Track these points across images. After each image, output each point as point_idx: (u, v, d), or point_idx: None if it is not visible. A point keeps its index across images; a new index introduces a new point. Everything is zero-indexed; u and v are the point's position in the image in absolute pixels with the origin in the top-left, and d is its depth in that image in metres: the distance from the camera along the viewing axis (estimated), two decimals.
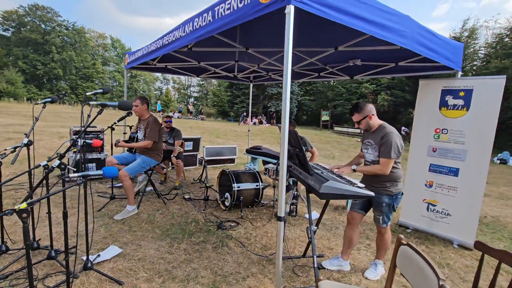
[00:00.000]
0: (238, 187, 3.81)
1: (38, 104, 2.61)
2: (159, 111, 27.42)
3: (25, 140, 2.35)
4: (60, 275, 2.30)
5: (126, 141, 3.81)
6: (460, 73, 3.48)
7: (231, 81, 6.99)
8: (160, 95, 51.82)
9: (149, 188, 4.70)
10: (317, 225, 2.63)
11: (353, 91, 26.27)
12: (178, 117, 26.04)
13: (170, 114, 26.54)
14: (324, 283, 1.72)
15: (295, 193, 4.02)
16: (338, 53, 3.88)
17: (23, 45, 37.54)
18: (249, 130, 7.49)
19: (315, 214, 4.05)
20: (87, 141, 2.52)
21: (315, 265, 2.40)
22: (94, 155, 4.83)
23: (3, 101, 28.29)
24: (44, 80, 39.66)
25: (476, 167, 3.33)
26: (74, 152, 4.66)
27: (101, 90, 2.32)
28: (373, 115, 2.45)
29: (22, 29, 37.92)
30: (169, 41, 3.15)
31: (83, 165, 4.88)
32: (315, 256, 2.41)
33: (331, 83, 32.37)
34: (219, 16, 2.19)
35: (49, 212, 2.43)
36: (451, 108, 3.50)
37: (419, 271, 1.42)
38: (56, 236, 2.96)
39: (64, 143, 4.53)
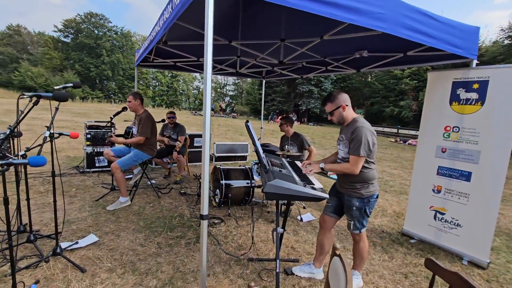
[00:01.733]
0: (227, 184, 3.75)
1: (58, 87, 2.31)
2: (213, 110, 28.84)
3: (47, 133, 2.39)
4: (34, 258, 2.46)
5: (122, 135, 3.97)
6: (475, 62, 2.98)
7: (238, 77, 6.92)
8: (197, 94, 53.94)
9: (154, 181, 4.87)
10: (283, 227, 2.45)
11: (391, 88, 24.45)
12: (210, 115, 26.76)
13: (201, 112, 27.44)
14: None
15: None
16: (343, 44, 3.61)
17: (79, 50, 41.76)
18: (261, 127, 7.37)
19: (309, 217, 3.82)
20: (64, 133, 2.65)
21: (277, 270, 2.25)
22: (105, 148, 5.13)
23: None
24: (96, 81, 43.69)
25: (491, 170, 2.83)
26: (88, 145, 5.02)
27: (71, 84, 2.42)
28: (346, 105, 2.20)
29: (79, 35, 42.21)
30: (153, 36, 3.20)
31: (95, 158, 5.21)
32: (278, 260, 2.27)
33: (368, 79, 30.63)
34: (173, 6, 2.14)
35: (28, 199, 2.62)
36: (463, 102, 3.02)
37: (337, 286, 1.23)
38: (48, 222, 3.18)
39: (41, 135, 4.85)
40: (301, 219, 3.71)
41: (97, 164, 5.15)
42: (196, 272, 2.44)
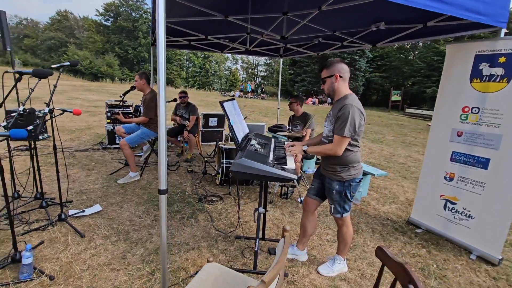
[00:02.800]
0: (228, 163, 3.78)
1: (53, 67, 2.57)
2: (249, 92, 28.78)
3: (46, 109, 2.60)
4: (45, 222, 2.75)
5: (130, 113, 4.15)
6: (504, 30, 2.55)
7: (256, 55, 6.73)
8: (229, 75, 54.07)
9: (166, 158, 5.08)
10: (264, 207, 2.42)
11: (434, 66, 22.07)
12: (239, 96, 26.85)
13: (231, 93, 27.56)
14: (209, 265, 1.61)
15: None
16: (358, 17, 3.33)
17: (119, 33, 43.78)
18: (278, 108, 7.21)
19: None
20: (66, 110, 2.82)
21: (256, 249, 2.26)
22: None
23: (102, 82, 34.10)
24: (134, 62, 45.79)
25: None
26: (108, 123, 5.34)
27: (68, 63, 2.55)
28: (341, 77, 1.99)
29: (118, 18, 44.10)
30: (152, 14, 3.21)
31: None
32: (257, 240, 2.27)
33: (410, 57, 28.06)
34: None
35: (38, 170, 2.89)
36: (486, 79, 2.63)
37: None
38: (64, 191, 3.50)
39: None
40: (301, 201, 3.64)
41: (117, 141, 5.49)
42: (182, 245, 2.55)
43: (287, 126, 4.48)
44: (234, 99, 2.53)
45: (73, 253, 2.33)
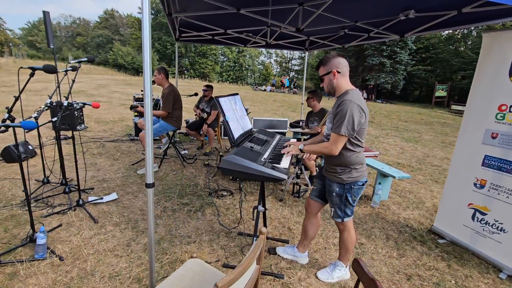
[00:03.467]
0: None
1: (71, 63, 2.76)
2: (286, 87, 28.54)
3: (65, 103, 2.84)
4: (66, 206, 2.98)
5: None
6: None
7: (280, 49, 6.57)
8: (262, 69, 53.97)
9: (186, 151, 5.24)
10: (263, 206, 2.35)
11: None
12: (270, 90, 26.69)
13: (262, 87, 27.48)
14: (191, 261, 1.61)
15: (298, 172, 3.63)
16: (383, 5, 3.09)
17: (158, 29, 45.86)
18: (302, 103, 6.99)
19: None
20: (86, 103, 3.01)
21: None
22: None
23: (142, 76, 36.10)
24: (172, 57, 47.71)
25: None
26: (135, 115, 5.63)
27: (85, 59, 2.70)
28: (339, 72, 1.84)
29: (158, 15, 46.19)
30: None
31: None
32: (254, 238, 2.22)
33: (461, 48, 25.49)
34: None
35: (61, 158, 3.13)
36: None
37: None
38: (89, 178, 3.77)
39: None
40: None
41: None
42: (184, 237, 2.60)
43: (304, 122, 4.33)
44: (237, 94, 2.49)
45: (84, 237, 2.50)
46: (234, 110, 2.23)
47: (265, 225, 2.61)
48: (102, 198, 3.21)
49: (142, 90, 4.39)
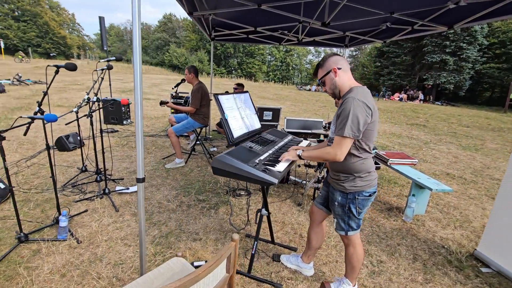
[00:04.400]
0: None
1: (101, 62, 3.12)
2: (318, 85, 27.67)
3: (94, 98, 3.22)
4: (95, 194, 3.26)
5: (178, 103, 4.47)
6: None
7: (315, 46, 6.29)
8: (309, 68, 52.82)
9: (215, 148, 5.34)
10: (267, 209, 2.23)
11: None
12: (315, 90, 25.97)
13: (307, 87, 26.84)
14: (174, 260, 1.58)
15: (319, 176, 3.40)
16: None
17: None
18: (325, 106, 6.58)
19: None
20: (116, 99, 3.23)
21: (253, 251, 2.15)
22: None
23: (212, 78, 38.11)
24: (222, 58, 49.58)
25: None
26: (172, 112, 5.93)
27: (114, 58, 2.90)
28: (339, 68, 1.65)
29: None
30: None
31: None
32: (256, 243, 2.14)
33: None
34: None
35: (95, 149, 3.41)
36: None
37: None
38: (122, 170, 4.06)
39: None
40: None
41: None
42: (192, 234, 2.62)
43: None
44: (247, 92, 2.41)
45: (103, 224, 2.69)
46: (239, 108, 2.16)
47: (271, 230, 2.49)
48: (128, 189, 3.42)
49: (173, 88, 4.59)
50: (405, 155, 3.72)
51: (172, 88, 4.67)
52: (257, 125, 2.33)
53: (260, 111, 6.34)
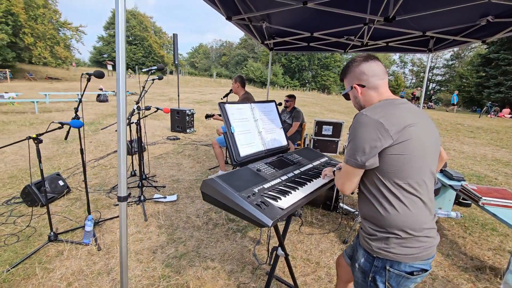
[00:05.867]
0: None
1: (144, 71, 3.26)
2: (453, 104, 21.18)
3: (135, 107, 3.36)
4: (149, 193, 3.32)
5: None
6: None
7: (395, 52, 5.42)
8: (392, 80, 48.01)
9: None
10: (283, 249, 1.74)
11: None
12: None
13: None
14: None
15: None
16: None
17: None
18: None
19: None
20: (159, 108, 3.27)
21: None
22: None
23: (265, 88, 39.27)
24: (296, 70, 49.77)
25: None
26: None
27: (155, 67, 2.92)
28: (362, 86, 1.18)
29: None
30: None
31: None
32: None
33: None
34: None
35: (140, 155, 3.51)
36: None
37: None
38: (167, 177, 4.13)
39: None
40: None
41: None
42: (205, 259, 2.33)
43: None
44: (273, 101, 2.01)
45: (128, 233, 2.65)
46: (257, 121, 1.79)
47: (292, 275, 1.98)
48: (165, 197, 3.40)
49: (222, 99, 4.49)
50: (509, 193, 2.64)
51: (221, 99, 4.61)
52: (280, 142, 1.90)
53: (318, 125, 5.78)
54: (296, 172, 1.62)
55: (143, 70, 3.02)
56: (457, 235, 2.98)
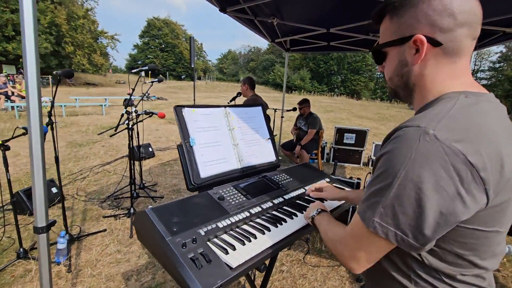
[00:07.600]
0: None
1: (135, 71, 2.87)
2: None
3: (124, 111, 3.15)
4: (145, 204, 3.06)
5: None
6: None
7: None
8: None
9: None
10: None
11: None
12: None
13: None
14: None
15: None
16: None
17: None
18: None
19: None
20: (153, 112, 3.00)
21: None
22: None
23: (291, 94, 38.56)
24: (324, 75, 48.53)
25: None
26: None
27: (146, 67, 2.65)
28: (434, 44, 0.57)
29: None
30: None
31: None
32: None
33: None
34: None
35: (135, 159, 3.26)
36: None
37: None
38: (169, 186, 3.86)
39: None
40: None
41: None
42: None
43: None
44: (260, 105, 1.60)
45: (106, 252, 2.36)
46: (232, 130, 1.39)
47: None
48: None
49: (229, 102, 4.15)
50: None
51: (228, 103, 4.27)
52: (265, 157, 1.47)
53: (339, 133, 5.23)
54: (277, 201, 1.19)
55: (133, 71, 2.78)
56: (510, 277, 2.32)
